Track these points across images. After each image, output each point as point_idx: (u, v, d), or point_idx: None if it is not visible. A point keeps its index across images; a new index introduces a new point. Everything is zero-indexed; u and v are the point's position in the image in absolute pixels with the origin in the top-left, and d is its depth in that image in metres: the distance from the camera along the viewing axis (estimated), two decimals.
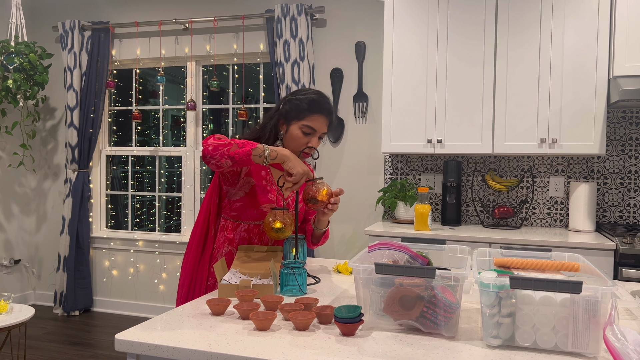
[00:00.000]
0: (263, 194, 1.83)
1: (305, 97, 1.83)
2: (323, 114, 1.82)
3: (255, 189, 1.82)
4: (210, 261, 1.88)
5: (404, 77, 3.36)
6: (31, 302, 4.80)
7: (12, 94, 4.16)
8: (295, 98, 1.84)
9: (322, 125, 1.82)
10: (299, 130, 1.81)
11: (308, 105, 1.81)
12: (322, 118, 1.82)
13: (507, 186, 3.33)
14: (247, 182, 1.82)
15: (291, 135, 1.82)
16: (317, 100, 1.82)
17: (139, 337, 1.25)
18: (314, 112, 1.81)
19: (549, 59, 3.10)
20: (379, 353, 1.15)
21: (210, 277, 1.87)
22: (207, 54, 4.21)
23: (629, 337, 1.08)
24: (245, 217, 1.84)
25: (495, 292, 1.17)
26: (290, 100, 1.84)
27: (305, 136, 1.81)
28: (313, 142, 1.82)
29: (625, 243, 2.70)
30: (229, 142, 1.63)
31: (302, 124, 1.80)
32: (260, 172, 1.84)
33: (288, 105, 1.83)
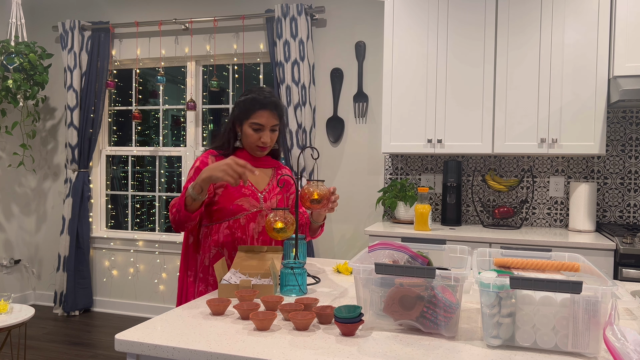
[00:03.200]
0: (236, 190, 1.92)
1: (248, 96, 1.95)
2: (266, 108, 1.93)
3: (228, 188, 1.92)
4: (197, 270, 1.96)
5: (404, 77, 3.36)
6: (31, 302, 4.80)
7: (12, 94, 4.16)
8: (241, 100, 1.97)
9: (268, 119, 1.93)
10: (249, 129, 1.94)
11: (251, 104, 1.93)
12: (266, 112, 1.93)
13: (507, 186, 3.33)
14: (220, 186, 1.93)
15: (245, 134, 1.95)
16: (257, 97, 1.94)
17: (139, 337, 1.25)
18: (257, 109, 1.93)
19: (549, 59, 3.10)
20: (379, 353, 1.15)
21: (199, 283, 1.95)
22: (207, 54, 4.21)
23: (629, 337, 1.08)
24: (224, 216, 1.92)
25: (495, 292, 1.17)
26: (238, 103, 1.97)
27: (256, 132, 1.93)
28: (265, 137, 1.94)
29: (625, 243, 2.70)
30: (175, 210, 1.81)
31: (250, 122, 1.93)
32: None
33: (237, 108, 1.97)
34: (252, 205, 1.95)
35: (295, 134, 3.78)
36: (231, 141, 1.99)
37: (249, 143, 1.97)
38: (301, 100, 3.75)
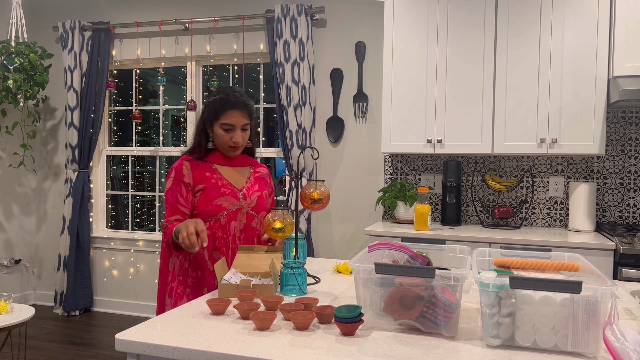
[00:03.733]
0: (215, 190, 1.94)
1: (217, 97, 1.96)
2: (235, 108, 1.94)
3: (206, 190, 1.93)
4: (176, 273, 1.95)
5: (404, 78, 3.37)
6: (31, 302, 4.80)
7: (12, 94, 4.16)
8: (210, 101, 1.98)
9: (238, 119, 1.94)
10: (220, 129, 1.95)
11: (220, 104, 1.94)
12: (235, 112, 1.94)
13: (506, 186, 3.34)
14: (199, 190, 1.94)
15: (216, 135, 1.97)
16: (225, 97, 1.95)
17: (139, 337, 1.25)
18: (226, 109, 1.94)
19: (548, 59, 3.10)
20: (379, 353, 1.15)
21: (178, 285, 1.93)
22: (207, 54, 4.21)
23: (628, 337, 1.08)
24: (204, 217, 1.93)
25: (495, 292, 1.17)
26: (207, 104, 1.99)
27: (227, 133, 1.95)
28: (236, 137, 1.96)
29: (625, 243, 2.70)
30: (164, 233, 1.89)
31: (221, 123, 1.95)
32: (205, 174, 1.96)
33: (206, 110, 1.98)
34: (232, 204, 1.95)
35: (295, 134, 3.78)
36: (203, 143, 2.00)
37: (221, 144, 1.98)
38: (301, 100, 3.75)
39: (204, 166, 1.99)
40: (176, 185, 1.94)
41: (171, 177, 1.96)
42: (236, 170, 2.05)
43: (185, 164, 1.97)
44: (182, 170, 1.96)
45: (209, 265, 1.93)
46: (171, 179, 1.96)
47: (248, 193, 2.02)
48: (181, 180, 1.94)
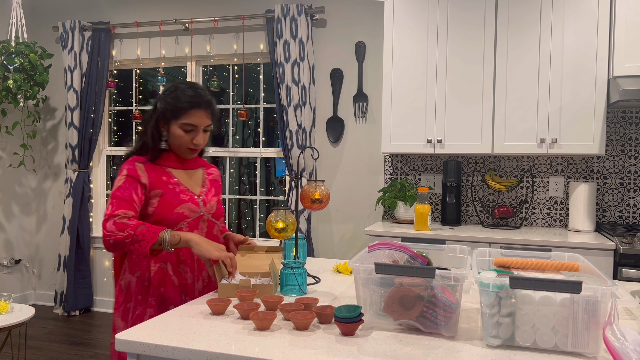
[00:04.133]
0: (174, 197, 1.75)
1: (177, 94, 1.75)
2: (200, 107, 1.75)
3: (165, 197, 1.73)
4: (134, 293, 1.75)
5: (403, 78, 3.37)
6: (31, 302, 4.80)
7: (12, 94, 4.16)
8: (168, 97, 1.76)
9: (202, 119, 1.76)
10: (180, 129, 1.75)
11: (181, 102, 1.74)
12: (200, 112, 1.75)
13: (506, 186, 3.34)
14: (154, 196, 1.73)
15: (173, 135, 1.76)
16: (190, 95, 1.75)
17: (139, 337, 1.25)
18: (190, 108, 1.74)
19: (548, 59, 3.10)
20: (379, 353, 1.15)
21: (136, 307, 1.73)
22: (207, 54, 4.21)
23: (628, 337, 1.08)
24: (164, 227, 1.70)
25: (495, 292, 1.17)
26: (164, 100, 1.77)
27: (188, 134, 1.75)
28: (198, 139, 1.77)
29: (625, 243, 2.70)
30: (128, 234, 1.58)
31: (182, 123, 1.74)
32: (162, 178, 1.76)
33: (164, 105, 1.76)
34: (193, 211, 1.77)
35: (295, 134, 3.78)
36: (157, 143, 1.79)
37: (179, 144, 1.77)
38: (301, 100, 3.75)
39: (158, 169, 1.77)
40: (129, 182, 1.70)
41: (123, 174, 1.72)
42: (190, 173, 1.86)
43: (139, 165, 1.75)
44: (137, 170, 1.73)
45: (174, 280, 1.74)
46: (123, 177, 1.72)
47: (207, 198, 1.85)
48: (136, 178, 1.71)
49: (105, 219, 1.63)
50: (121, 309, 1.75)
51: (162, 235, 1.59)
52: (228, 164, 4.37)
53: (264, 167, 5.13)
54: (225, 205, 4.48)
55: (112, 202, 1.67)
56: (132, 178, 1.71)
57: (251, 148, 4.29)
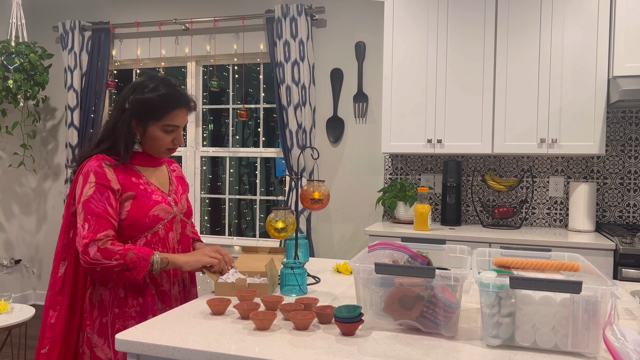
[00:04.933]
0: (147, 198, 1.63)
1: (156, 93, 1.61)
2: (182, 107, 1.64)
3: (138, 199, 1.61)
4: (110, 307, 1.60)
5: (403, 78, 3.37)
6: (31, 302, 4.80)
7: (12, 94, 4.16)
8: (144, 97, 1.61)
9: (184, 119, 1.67)
10: (160, 131, 1.63)
11: (163, 102, 1.61)
12: (182, 112, 1.65)
13: (506, 186, 3.34)
14: (127, 199, 1.60)
15: (151, 137, 1.64)
16: (171, 94, 1.62)
17: (139, 337, 1.25)
18: (172, 108, 1.62)
19: (548, 59, 3.10)
20: (379, 353, 1.15)
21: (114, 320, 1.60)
22: (207, 54, 4.21)
23: (628, 337, 1.08)
24: (140, 231, 1.62)
25: (495, 292, 1.17)
26: (139, 100, 1.61)
27: (169, 134, 1.65)
28: (179, 138, 1.67)
29: (625, 243, 2.70)
30: (117, 262, 1.49)
31: (162, 125, 1.62)
32: (132, 179, 1.63)
33: (139, 106, 1.61)
34: (167, 212, 1.67)
35: (295, 134, 3.78)
36: (130, 146, 1.63)
37: (158, 147, 1.66)
38: (301, 100, 3.75)
39: (127, 169, 1.64)
40: (101, 192, 1.54)
41: (91, 182, 1.55)
42: (157, 172, 1.74)
43: (107, 168, 1.59)
44: (106, 174, 1.57)
45: (151, 289, 1.63)
46: (92, 184, 1.55)
47: (177, 197, 1.75)
48: (107, 186, 1.56)
49: (86, 242, 1.49)
50: (96, 324, 1.59)
51: (152, 261, 1.53)
52: (228, 164, 4.37)
53: (264, 167, 5.13)
54: (225, 205, 4.48)
55: (87, 218, 1.52)
56: (103, 186, 1.56)
57: (251, 148, 4.29)
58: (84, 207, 1.53)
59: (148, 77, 1.68)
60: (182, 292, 1.74)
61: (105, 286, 1.60)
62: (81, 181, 1.59)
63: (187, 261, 1.60)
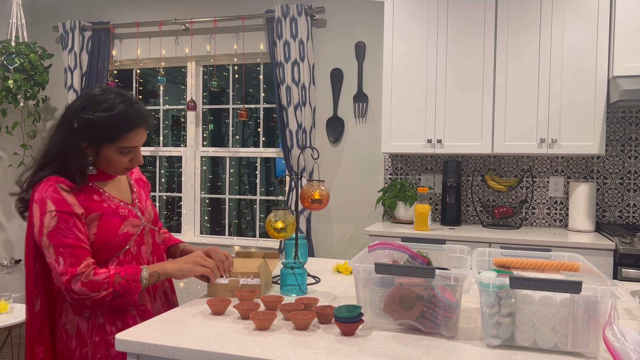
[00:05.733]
0: (114, 216, 1.51)
1: (110, 113, 1.44)
2: (141, 126, 1.49)
3: (104, 218, 1.49)
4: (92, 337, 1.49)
5: (403, 77, 3.37)
6: None
7: (12, 94, 4.16)
8: (95, 117, 1.43)
9: (142, 138, 1.51)
10: (116, 154, 1.48)
11: (118, 124, 1.44)
12: (141, 131, 1.49)
13: (506, 186, 3.34)
14: (92, 220, 1.47)
15: (107, 159, 1.49)
16: (127, 113, 1.46)
17: (139, 336, 1.25)
18: (129, 130, 1.46)
19: (548, 60, 3.10)
20: (379, 353, 1.15)
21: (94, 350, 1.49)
22: (207, 54, 4.22)
23: (628, 337, 1.08)
24: (111, 253, 1.50)
25: (495, 292, 1.17)
26: (90, 121, 1.44)
27: (127, 155, 1.50)
28: (138, 157, 1.53)
29: (625, 243, 2.70)
30: (107, 292, 1.40)
31: (119, 147, 1.47)
32: (93, 198, 1.50)
33: (90, 129, 1.44)
34: (136, 226, 1.56)
35: (295, 134, 3.78)
36: (84, 169, 1.48)
37: (113, 168, 1.52)
38: (301, 100, 3.75)
39: (85, 188, 1.49)
40: (66, 220, 1.40)
41: (50, 210, 1.39)
42: (116, 181, 1.60)
43: (64, 192, 1.42)
44: (65, 199, 1.42)
45: (131, 311, 1.52)
46: (52, 213, 1.39)
47: (142, 205, 1.64)
48: (70, 212, 1.42)
49: (67, 279, 1.37)
50: (76, 355, 1.48)
51: (141, 279, 1.45)
52: (228, 164, 4.37)
53: (264, 167, 5.14)
54: (225, 205, 4.48)
55: (59, 252, 1.38)
56: (65, 213, 1.40)
57: (251, 148, 4.29)
58: (51, 239, 1.39)
59: (100, 89, 1.50)
60: (164, 305, 1.67)
61: (81, 314, 1.48)
62: (37, 211, 1.41)
63: (180, 269, 1.52)
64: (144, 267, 1.48)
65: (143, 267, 1.48)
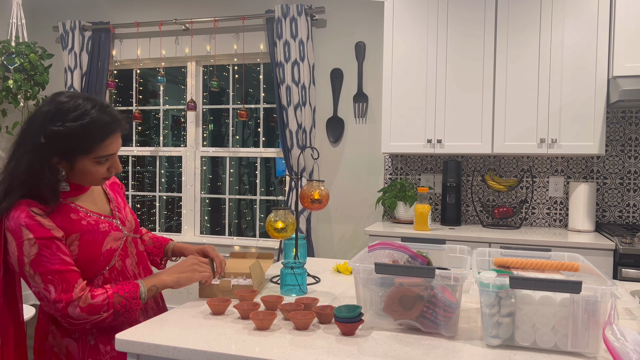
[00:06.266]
0: (95, 233, 1.41)
1: (81, 122, 1.32)
2: (116, 131, 1.38)
3: (85, 237, 1.39)
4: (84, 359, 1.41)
5: (403, 78, 3.37)
6: (31, 302, 4.80)
7: (12, 94, 4.16)
8: (65, 128, 1.31)
9: (119, 144, 1.41)
10: (92, 164, 1.37)
11: (92, 133, 1.33)
12: (117, 137, 1.39)
13: (506, 186, 3.34)
14: (73, 241, 1.37)
15: (82, 172, 1.37)
16: (101, 120, 1.34)
17: (139, 336, 1.25)
18: (105, 137, 1.35)
19: (548, 60, 3.10)
20: (379, 353, 1.15)
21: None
22: (207, 54, 4.22)
23: (628, 337, 1.08)
24: (96, 271, 1.41)
25: (494, 292, 1.17)
26: (59, 134, 1.31)
27: (104, 164, 1.39)
28: (116, 165, 1.42)
29: (624, 243, 2.70)
30: (108, 314, 1.34)
31: (95, 157, 1.36)
32: (70, 217, 1.39)
33: (61, 142, 1.32)
34: (118, 239, 1.47)
35: (295, 134, 3.78)
36: (56, 188, 1.35)
37: (90, 180, 1.40)
38: (301, 100, 3.75)
39: (60, 208, 1.38)
40: (48, 247, 1.30)
41: (28, 239, 1.29)
42: (92, 193, 1.49)
43: (39, 217, 1.31)
44: (41, 223, 1.31)
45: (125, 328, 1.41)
46: (31, 241, 1.29)
47: (122, 214, 1.54)
48: (50, 237, 1.31)
49: (63, 306, 1.29)
50: None
51: (141, 294, 1.40)
52: (228, 164, 4.38)
53: (264, 167, 5.14)
54: (225, 205, 4.48)
55: (47, 280, 1.29)
56: (45, 239, 1.30)
57: (251, 148, 4.29)
58: (36, 268, 1.29)
59: (67, 96, 1.37)
60: (156, 312, 1.61)
61: (71, 337, 1.40)
62: (12, 241, 1.30)
63: (178, 280, 1.48)
64: (141, 282, 1.42)
65: (140, 282, 1.42)
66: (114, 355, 1.41)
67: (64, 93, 1.39)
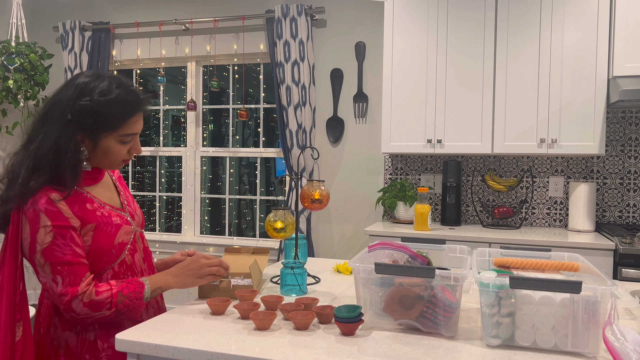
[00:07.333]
0: (109, 225, 1.40)
1: (109, 97, 1.33)
2: (141, 111, 1.40)
3: (99, 228, 1.38)
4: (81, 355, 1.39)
5: (403, 78, 3.37)
6: (32, 302, 4.80)
7: (12, 94, 4.16)
8: (94, 103, 1.32)
9: (141, 124, 1.42)
10: (116, 143, 1.37)
11: (119, 108, 1.35)
12: (141, 117, 1.41)
13: (506, 186, 3.34)
14: (87, 232, 1.36)
15: (105, 150, 1.37)
16: (129, 97, 1.37)
17: (139, 336, 1.25)
18: (131, 114, 1.37)
19: (548, 60, 3.10)
20: (379, 353, 1.15)
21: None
22: (207, 54, 4.22)
23: (628, 337, 1.08)
24: (106, 264, 1.40)
25: (494, 292, 1.17)
26: (88, 108, 1.32)
27: (126, 145, 1.40)
28: (137, 145, 1.43)
29: (624, 243, 2.70)
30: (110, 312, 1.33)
31: (120, 135, 1.37)
32: (86, 207, 1.38)
33: (88, 115, 1.32)
34: (129, 233, 1.47)
35: (295, 134, 3.78)
36: (78, 167, 1.34)
37: (111, 160, 1.40)
38: (301, 100, 3.75)
39: (77, 196, 1.37)
40: (63, 236, 1.30)
41: (45, 225, 1.28)
42: (103, 184, 1.49)
43: (59, 204, 1.31)
44: (60, 211, 1.30)
45: (127, 325, 1.43)
46: (47, 228, 1.28)
47: (132, 209, 1.54)
48: (67, 226, 1.31)
49: (68, 300, 1.29)
50: None
51: (145, 293, 1.40)
52: (228, 164, 4.38)
53: (264, 167, 5.14)
54: (225, 205, 4.48)
55: (56, 270, 1.28)
56: (62, 228, 1.30)
57: (251, 148, 4.29)
58: (47, 257, 1.28)
59: (92, 75, 1.37)
60: (156, 313, 1.58)
61: (71, 330, 1.38)
62: (27, 226, 1.29)
63: (183, 283, 1.48)
64: (146, 283, 1.41)
65: (145, 282, 1.41)
66: (109, 354, 1.39)
67: (83, 73, 1.39)
